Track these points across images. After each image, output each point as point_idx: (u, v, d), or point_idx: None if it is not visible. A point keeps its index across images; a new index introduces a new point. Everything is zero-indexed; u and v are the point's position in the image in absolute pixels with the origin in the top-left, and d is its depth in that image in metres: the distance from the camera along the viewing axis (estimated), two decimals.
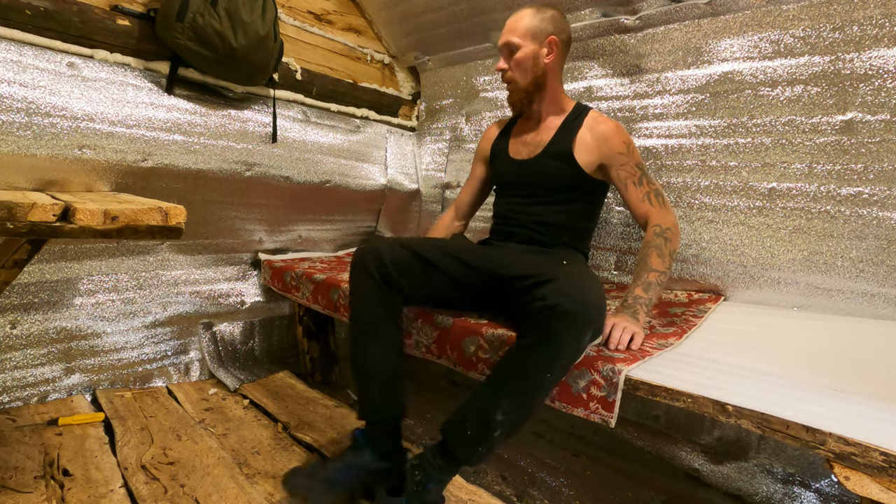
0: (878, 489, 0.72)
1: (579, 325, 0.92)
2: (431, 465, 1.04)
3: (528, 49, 1.36)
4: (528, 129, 1.50)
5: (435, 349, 1.27)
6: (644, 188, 1.33)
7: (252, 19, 1.65)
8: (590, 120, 1.41)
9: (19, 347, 1.53)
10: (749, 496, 1.41)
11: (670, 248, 1.24)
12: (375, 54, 2.52)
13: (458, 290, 1.27)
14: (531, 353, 0.95)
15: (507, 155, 1.51)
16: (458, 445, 1.01)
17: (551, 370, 0.94)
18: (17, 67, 1.38)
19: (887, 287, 1.34)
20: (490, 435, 0.97)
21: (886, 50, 1.32)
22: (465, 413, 1.01)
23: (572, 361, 0.96)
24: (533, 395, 0.96)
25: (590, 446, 1.62)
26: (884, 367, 1.03)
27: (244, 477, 1.25)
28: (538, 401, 0.98)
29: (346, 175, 2.24)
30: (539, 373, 0.94)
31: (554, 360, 0.93)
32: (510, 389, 0.96)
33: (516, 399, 0.96)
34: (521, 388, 0.95)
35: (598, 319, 0.98)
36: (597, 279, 1.16)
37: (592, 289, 1.00)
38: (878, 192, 1.34)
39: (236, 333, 2.05)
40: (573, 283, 1.00)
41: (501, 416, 0.95)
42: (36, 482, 1.16)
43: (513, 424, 0.98)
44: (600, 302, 0.99)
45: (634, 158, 1.36)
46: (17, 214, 0.91)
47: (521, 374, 0.95)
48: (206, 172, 1.76)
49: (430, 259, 1.23)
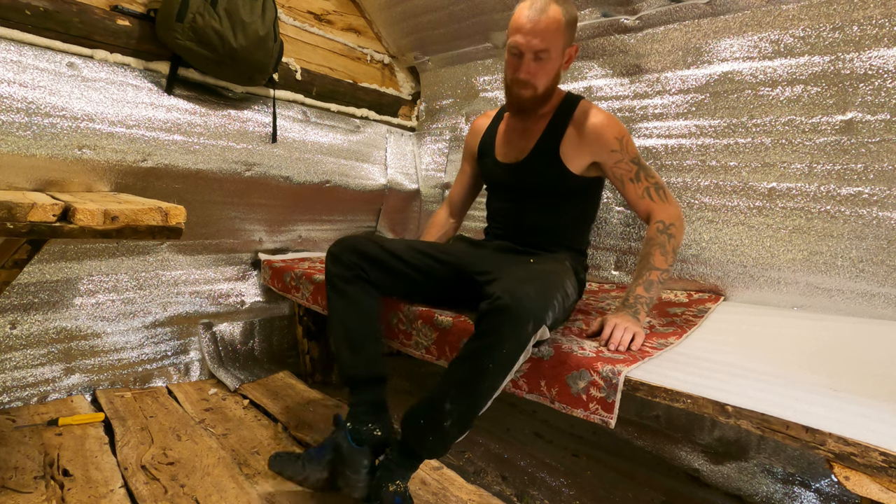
0: (878, 489, 0.72)
1: (514, 319, 0.94)
2: (390, 461, 1.06)
3: (555, 59, 1.26)
4: (516, 129, 1.43)
5: (434, 350, 1.27)
6: (643, 183, 1.28)
7: (252, 19, 1.65)
8: (579, 114, 1.33)
9: (19, 347, 1.53)
10: (749, 496, 1.41)
11: (674, 245, 1.21)
12: (375, 54, 2.52)
13: (428, 282, 1.30)
14: (475, 344, 0.98)
15: (494, 157, 1.46)
16: (412, 435, 1.03)
17: (493, 360, 0.96)
18: (17, 67, 1.38)
19: (887, 287, 1.34)
20: (441, 425, 0.99)
21: (886, 50, 1.31)
22: (420, 403, 1.04)
23: (516, 354, 0.97)
24: (478, 386, 0.98)
25: (590, 446, 1.62)
26: (884, 367, 1.03)
27: (244, 477, 1.25)
28: (486, 393, 0.99)
29: (346, 175, 2.24)
30: (482, 364, 0.96)
31: (494, 352, 0.96)
32: (457, 379, 0.99)
33: (463, 389, 0.98)
34: (466, 378, 0.98)
35: (538, 311, 0.98)
36: (556, 275, 1.13)
37: (536, 283, 1.02)
38: (878, 192, 1.34)
39: (236, 333, 2.05)
40: (517, 277, 1.03)
41: (450, 405, 0.98)
42: (36, 482, 1.17)
43: (462, 415, 0.99)
44: (541, 295, 1.00)
45: (629, 153, 1.29)
46: (17, 214, 0.91)
47: (467, 364, 0.99)
48: (206, 172, 1.76)
49: (397, 252, 1.27)
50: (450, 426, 0.99)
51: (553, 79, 1.30)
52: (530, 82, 1.27)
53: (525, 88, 1.28)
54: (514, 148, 1.41)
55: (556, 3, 1.22)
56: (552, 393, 1.02)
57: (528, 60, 1.25)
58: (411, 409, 1.04)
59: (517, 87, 1.29)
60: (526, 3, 1.24)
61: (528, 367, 1.06)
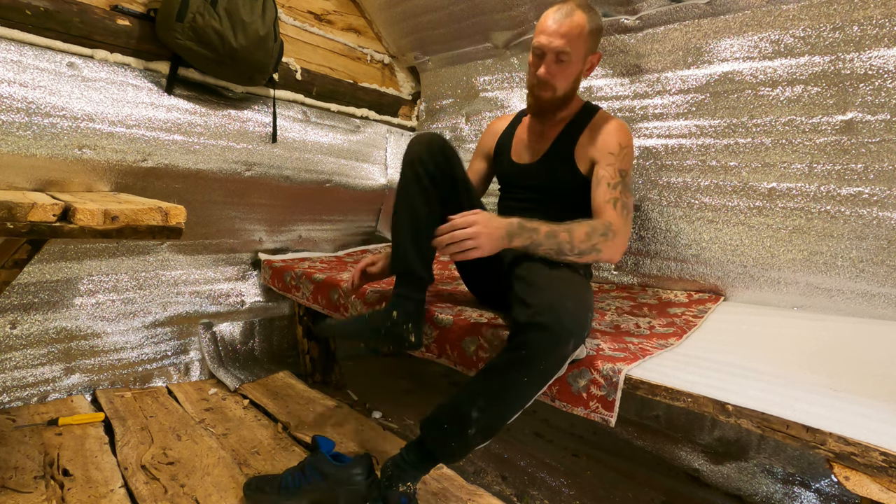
0: (878, 489, 0.72)
1: (556, 338, 0.94)
2: (405, 462, 1.06)
3: (576, 63, 1.27)
4: (533, 132, 1.45)
5: (435, 348, 1.27)
6: (614, 194, 1.23)
7: (252, 19, 1.65)
8: (596, 121, 1.35)
9: (19, 347, 1.53)
10: (749, 496, 1.41)
11: (596, 243, 1.12)
12: (375, 54, 2.52)
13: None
14: (510, 356, 0.97)
15: (510, 157, 1.48)
16: (432, 439, 1.03)
17: (528, 375, 0.96)
18: (17, 67, 1.38)
19: (887, 287, 1.34)
20: (465, 432, 0.99)
21: (886, 50, 1.32)
22: (444, 408, 1.03)
23: (553, 371, 0.97)
24: (510, 399, 0.97)
25: (590, 446, 1.62)
26: (884, 367, 1.03)
27: (244, 477, 1.25)
28: (516, 406, 0.98)
29: (346, 175, 2.24)
30: (516, 377, 0.96)
31: (530, 367, 0.95)
32: (487, 389, 0.99)
33: (493, 400, 0.98)
34: (497, 389, 0.98)
35: (579, 330, 0.97)
36: (584, 285, 1.16)
37: (574, 299, 1.01)
38: (878, 192, 1.34)
39: (236, 333, 2.05)
40: (556, 291, 1.02)
41: (477, 414, 0.98)
42: (36, 482, 1.17)
43: (488, 425, 0.99)
44: (580, 314, 0.99)
45: (621, 163, 1.27)
46: (17, 214, 0.91)
47: (502, 377, 0.97)
48: (206, 172, 1.76)
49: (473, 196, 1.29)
50: (474, 434, 0.99)
51: (573, 83, 1.31)
52: (550, 83, 1.28)
53: (545, 90, 1.29)
54: (530, 150, 1.43)
55: (583, 9, 1.24)
56: (553, 391, 1.02)
57: (549, 61, 1.26)
58: (434, 413, 1.04)
59: (538, 89, 1.31)
60: (554, 7, 1.27)
61: None
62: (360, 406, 1.76)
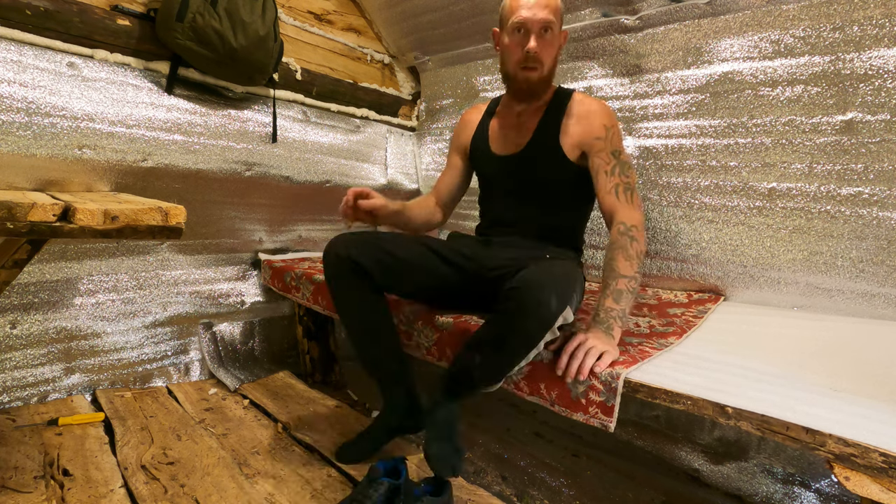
0: (878, 490, 0.72)
1: (540, 289, 0.97)
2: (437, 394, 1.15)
3: (557, 37, 1.24)
4: (510, 123, 1.39)
5: (435, 351, 1.27)
6: (614, 179, 1.20)
7: (252, 19, 1.65)
8: (574, 104, 1.31)
9: (19, 347, 1.53)
10: (749, 496, 1.41)
11: (637, 249, 1.12)
12: (375, 54, 2.52)
13: (430, 280, 1.29)
14: (500, 317, 1.03)
15: (489, 150, 1.41)
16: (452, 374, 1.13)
17: (519, 333, 1.00)
18: (17, 67, 1.38)
19: (887, 287, 1.34)
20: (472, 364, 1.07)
21: (886, 50, 1.31)
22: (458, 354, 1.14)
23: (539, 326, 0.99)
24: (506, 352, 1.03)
25: (590, 446, 1.62)
26: (884, 367, 1.03)
27: (244, 477, 1.25)
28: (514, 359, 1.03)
29: (346, 175, 2.24)
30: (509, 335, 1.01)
31: (520, 323, 0.99)
32: (487, 338, 1.06)
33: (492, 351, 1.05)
34: (495, 335, 1.04)
35: (563, 288, 1.00)
36: (576, 270, 1.18)
37: (559, 271, 1.04)
38: (878, 192, 1.34)
39: (236, 333, 2.05)
40: (541, 267, 1.04)
41: (479, 358, 1.06)
42: (36, 482, 1.17)
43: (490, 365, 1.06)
44: (560, 273, 1.03)
45: (612, 144, 1.23)
46: (17, 214, 0.91)
47: (494, 327, 1.05)
48: (206, 172, 1.76)
49: (398, 254, 1.24)
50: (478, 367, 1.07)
51: (555, 60, 1.29)
52: (539, 57, 1.23)
53: (534, 68, 1.24)
54: (510, 141, 1.38)
55: None
56: (552, 396, 1.02)
57: (536, 35, 1.21)
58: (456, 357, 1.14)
59: (525, 69, 1.25)
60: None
61: (529, 370, 1.06)
62: (360, 406, 1.76)
